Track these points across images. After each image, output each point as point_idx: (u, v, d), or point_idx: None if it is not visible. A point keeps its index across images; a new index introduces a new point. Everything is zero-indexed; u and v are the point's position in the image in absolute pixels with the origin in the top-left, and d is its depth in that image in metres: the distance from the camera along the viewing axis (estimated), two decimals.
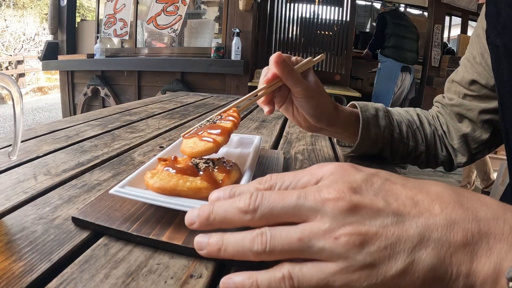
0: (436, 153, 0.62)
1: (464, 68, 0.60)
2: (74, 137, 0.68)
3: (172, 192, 0.35)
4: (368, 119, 0.56)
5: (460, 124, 0.60)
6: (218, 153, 0.54)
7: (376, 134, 0.57)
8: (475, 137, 0.59)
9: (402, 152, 0.60)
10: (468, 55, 0.60)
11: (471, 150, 0.60)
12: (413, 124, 0.61)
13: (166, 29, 2.99)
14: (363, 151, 0.59)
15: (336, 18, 3.37)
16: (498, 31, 0.48)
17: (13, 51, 9.01)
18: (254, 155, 0.47)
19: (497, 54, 0.49)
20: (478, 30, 0.58)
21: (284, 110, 0.53)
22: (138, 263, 0.29)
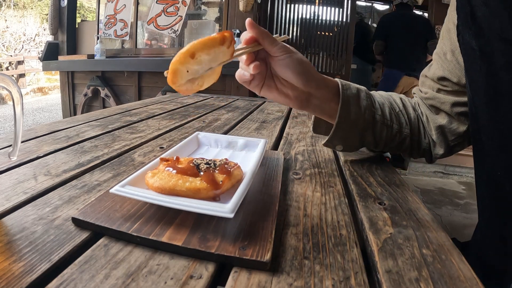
0: (420, 139, 0.60)
1: (436, 64, 0.59)
2: (74, 138, 0.68)
3: (171, 191, 0.35)
4: (348, 98, 0.53)
5: (437, 116, 0.59)
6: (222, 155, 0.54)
7: (356, 114, 0.54)
8: (452, 129, 0.57)
9: (386, 136, 0.58)
10: (439, 50, 0.59)
11: (449, 142, 0.59)
12: (395, 107, 0.60)
13: (167, 30, 2.99)
14: (343, 134, 0.55)
15: (336, 19, 3.37)
16: (473, 33, 0.46)
17: (14, 51, 9.02)
18: (257, 158, 0.47)
19: (472, 57, 0.47)
20: (449, 24, 0.55)
21: (267, 90, 0.50)
22: (138, 264, 0.29)
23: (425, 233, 0.37)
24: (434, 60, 0.60)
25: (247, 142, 0.57)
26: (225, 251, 0.30)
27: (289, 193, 0.46)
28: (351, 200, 0.45)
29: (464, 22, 0.48)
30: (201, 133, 0.60)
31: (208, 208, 0.32)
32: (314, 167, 0.57)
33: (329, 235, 0.35)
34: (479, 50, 0.45)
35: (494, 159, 0.45)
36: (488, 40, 0.43)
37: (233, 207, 0.32)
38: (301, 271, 0.29)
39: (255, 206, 0.39)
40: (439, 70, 0.58)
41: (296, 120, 1.04)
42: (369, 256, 0.33)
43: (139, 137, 0.72)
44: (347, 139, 0.56)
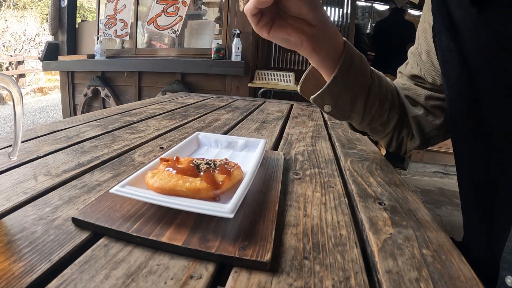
0: (402, 125, 0.60)
1: (412, 62, 0.58)
2: (74, 138, 0.68)
3: (171, 191, 0.35)
4: (351, 56, 0.51)
5: (414, 107, 0.58)
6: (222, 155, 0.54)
7: (354, 75, 0.52)
8: (428, 121, 0.57)
9: (375, 110, 0.56)
10: (414, 50, 0.58)
11: (425, 134, 0.58)
12: (390, 85, 0.59)
13: (167, 30, 2.99)
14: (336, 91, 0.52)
15: (336, 19, 3.37)
16: (451, 35, 0.44)
17: (14, 51, 9.02)
18: (257, 158, 0.47)
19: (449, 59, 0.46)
20: (424, 24, 0.55)
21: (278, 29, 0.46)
22: (138, 264, 0.28)
23: (425, 233, 0.37)
24: (409, 58, 0.60)
25: (247, 142, 0.57)
26: (225, 251, 0.30)
27: (289, 193, 0.46)
28: (351, 200, 0.45)
29: (441, 24, 0.46)
30: (201, 133, 0.60)
31: (208, 208, 0.32)
32: (314, 167, 0.57)
33: (329, 235, 0.35)
34: (458, 53, 0.43)
35: (477, 164, 0.44)
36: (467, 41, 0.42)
37: (233, 207, 0.32)
38: (301, 271, 0.29)
39: (255, 206, 0.39)
40: (414, 69, 0.57)
41: (296, 120, 1.04)
42: (369, 256, 0.33)
43: (139, 137, 0.72)
44: (339, 99, 0.53)
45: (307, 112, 1.22)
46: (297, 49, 0.49)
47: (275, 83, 2.73)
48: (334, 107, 0.54)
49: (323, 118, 1.10)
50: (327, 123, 1.03)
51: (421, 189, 2.64)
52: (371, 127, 0.59)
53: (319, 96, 0.53)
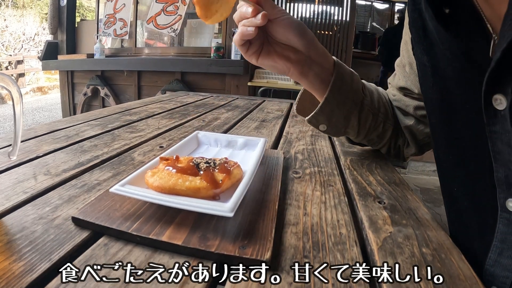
0: (398, 135, 0.62)
1: (399, 74, 0.60)
2: (74, 137, 0.68)
3: (171, 191, 0.35)
4: (342, 74, 0.51)
5: (405, 117, 0.60)
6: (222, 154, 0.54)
7: (346, 93, 0.52)
8: (419, 130, 0.58)
9: (370, 124, 0.57)
10: (399, 62, 0.59)
11: (419, 141, 0.60)
12: (383, 98, 0.60)
13: (166, 29, 2.99)
14: (329, 111, 0.53)
15: (336, 18, 3.37)
16: (425, 48, 0.44)
17: (13, 51, 9.01)
18: (257, 156, 0.47)
19: (424, 73, 0.46)
20: (406, 36, 0.55)
21: (265, 56, 0.48)
22: (138, 263, 0.29)
23: (425, 232, 0.37)
24: (396, 70, 0.61)
25: (247, 141, 0.57)
26: (225, 250, 0.30)
27: (289, 192, 0.46)
28: (350, 199, 0.45)
29: (416, 37, 0.46)
30: (200, 132, 0.60)
31: (208, 207, 0.32)
32: (314, 166, 0.57)
33: (329, 234, 0.35)
34: (431, 66, 0.44)
35: (451, 175, 0.44)
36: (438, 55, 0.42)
37: (232, 206, 0.32)
38: (301, 270, 0.29)
39: (255, 205, 0.39)
40: (401, 80, 0.59)
41: (296, 119, 1.04)
42: (369, 255, 0.33)
43: (138, 136, 0.72)
44: (332, 117, 0.54)
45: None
46: (286, 74, 0.51)
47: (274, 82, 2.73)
48: (329, 125, 0.55)
49: None
50: None
51: (420, 188, 2.64)
52: (368, 139, 0.61)
53: (313, 117, 0.54)
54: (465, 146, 0.41)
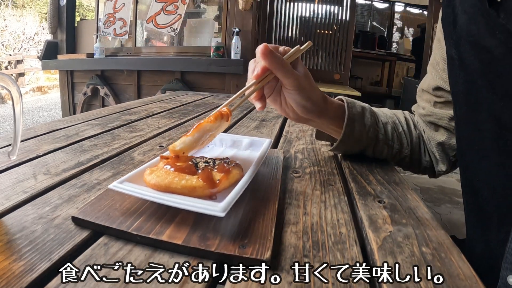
0: (420, 158, 0.61)
1: (430, 75, 0.59)
2: (74, 137, 0.68)
3: (167, 189, 0.35)
4: (353, 116, 0.54)
5: (436, 133, 0.59)
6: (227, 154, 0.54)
7: (360, 132, 0.55)
8: (452, 145, 0.57)
9: (386, 154, 0.59)
10: (432, 60, 0.59)
11: (450, 158, 0.59)
12: (398, 127, 0.60)
13: (166, 29, 2.99)
14: (344, 149, 0.57)
15: (336, 17, 3.37)
16: (454, 42, 0.46)
17: (13, 50, 9.00)
18: (259, 157, 0.47)
19: (452, 66, 0.47)
20: (438, 33, 0.56)
21: (271, 101, 0.51)
22: (138, 263, 0.29)
23: (425, 231, 0.37)
24: (428, 72, 0.61)
25: (252, 141, 0.57)
26: (225, 250, 0.30)
27: (288, 192, 0.46)
28: (350, 199, 0.45)
29: (447, 31, 0.48)
30: None
31: (200, 206, 0.32)
32: (314, 165, 0.57)
33: (328, 233, 0.35)
34: (458, 59, 0.45)
35: (474, 167, 0.45)
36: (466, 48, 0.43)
37: (225, 206, 0.32)
38: (301, 269, 0.29)
39: (255, 205, 0.39)
40: (433, 80, 0.58)
41: None
42: (369, 254, 0.33)
43: (138, 135, 0.72)
44: (348, 151, 0.58)
45: None
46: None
47: None
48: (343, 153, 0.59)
49: None
50: None
51: (420, 187, 2.64)
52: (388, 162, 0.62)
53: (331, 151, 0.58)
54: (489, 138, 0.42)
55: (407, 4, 5.30)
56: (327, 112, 0.52)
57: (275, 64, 0.43)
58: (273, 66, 0.43)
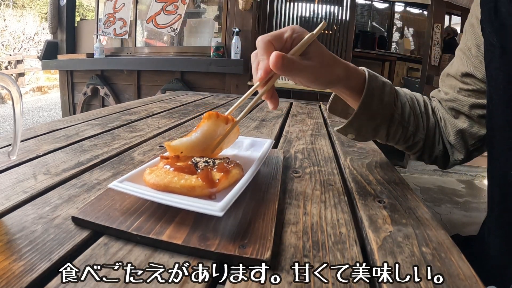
0: (433, 145, 0.59)
1: (460, 60, 0.57)
2: (74, 137, 0.68)
3: (166, 188, 0.35)
4: (372, 90, 0.51)
5: (457, 120, 0.57)
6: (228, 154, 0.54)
7: (376, 108, 0.52)
8: (473, 133, 0.55)
9: (399, 135, 0.56)
10: (462, 46, 0.56)
11: (469, 147, 0.57)
12: (417, 109, 0.57)
13: (166, 29, 2.99)
14: (359, 123, 0.53)
15: (336, 17, 3.37)
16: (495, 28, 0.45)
17: (13, 50, 9.00)
18: (259, 157, 0.47)
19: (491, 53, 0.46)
20: (472, 19, 0.54)
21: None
22: (138, 263, 0.29)
23: (425, 231, 0.37)
24: (456, 57, 0.58)
25: (253, 142, 0.57)
26: (225, 250, 0.30)
27: (288, 192, 0.46)
28: (350, 198, 0.45)
29: (487, 16, 0.47)
30: None
31: (199, 205, 0.32)
32: (314, 166, 0.57)
33: (328, 233, 0.35)
34: (500, 47, 0.44)
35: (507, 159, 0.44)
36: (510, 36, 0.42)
37: (224, 206, 0.32)
38: (301, 269, 0.29)
39: (255, 205, 0.39)
40: (463, 66, 0.55)
41: (295, 118, 1.04)
42: (369, 254, 0.33)
43: (138, 135, 0.72)
44: (362, 129, 0.54)
45: (306, 110, 1.22)
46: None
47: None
48: (357, 135, 0.55)
49: (323, 117, 1.10)
50: (326, 121, 1.03)
51: (420, 187, 2.64)
52: (398, 145, 0.59)
53: (342, 129, 0.55)
54: None
55: (407, 4, 5.30)
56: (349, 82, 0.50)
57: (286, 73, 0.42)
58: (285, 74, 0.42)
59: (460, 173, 2.91)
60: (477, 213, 2.20)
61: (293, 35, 0.43)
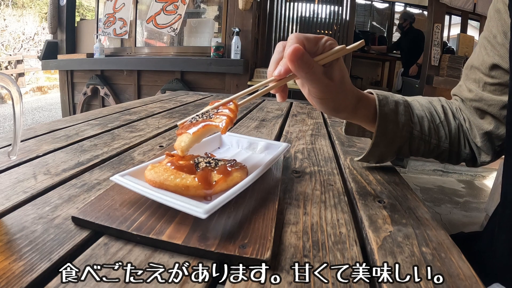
0: (459, 150, 0.56)
1: (484, 50, 0.52)
2: (74, 137, 0.68)
3: (161, 185, 0.35)
4: (385, 115, 0.49)
5: (482, 121, 0.53)
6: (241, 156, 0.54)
7: (393, 132, 0.50)
8: (499, 134, 0.52)
9: (423, 150, 0.54)
10: (487, 34, 0.52)
11: (495, 148, 0.53)
12: (436, 119, 0.55)
13: (166, 28, 2.98)
14: (379, 152, 0.52)
15: (335, 17, 3.37)
16: None
17: (13, 50, 8.99)
18: (266, 163, 0.46)
19: None
20: (498, 4, 0.50)
21: (299, 85, 0.45)
22: (138, 263, 0.29)
23: (425, 231, 0.37)
24: (480, 46, 0.54)
25: (267, 144, 0.56)
26: (225, 250, 0.30)
27: (288, 192, 0.46)
28: (350, 199, 0.45)
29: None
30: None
31: (184, 205, 0.32)
32: (314, 166, 0.57)
33: (328, 233, 0.35)
34: None
35: None
36: None
37: (209, 208, 0.31)
38: (301, 269, 0.29)
39: (255, 205, 0.39)
40: (488, 56, 0.52)
41: (295, 118, 1.04)
42: (369, 254, 0.33)
43: (138, 135, 0.72)
44: (383, 156, 0.54)
45: (306, 110, 1.22)
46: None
47: None
48: (379, 161, 0.55)
49: (323, 117, 1.10)
50: (326, 121, 1.03)
51: (420, 187, 2.64)
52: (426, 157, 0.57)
53: (363, 159, 0.54)
54: None
55: (407, 4, 5.30)
56: (358, 111, 0.48)
57: (301, 73, 0.39)
58: (299, 74, 0.39)
59: (460, 173, 2.91)
60: (477, 213, 2.20)
61: (327, 42, 0.42)
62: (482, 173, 2.87)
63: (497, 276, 0.42)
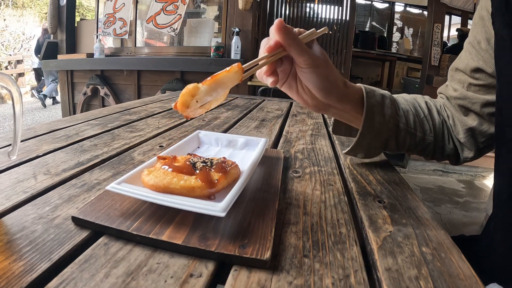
0: (443, 145, 0.58)
1: (469, 54, 0.55)
2: (74, 137, 0.68)
3: (165, 189, 0.35)
4: (372, 107, 0.51)
5: (466, 118, 0.56)
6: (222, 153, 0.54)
7: (380, 124, 0.52)
8: (482, 131, 0.54)
9: (409, 143, 0.56)
10: (471, 39, 0.55)
11: (479, 145, 0.56)
12: (420, 113, 0.57)
13: (166, 28, 2.98)
14: (366, 143, 0.53)
15: (336, 17, 3.37)
16: (506, 22, 0.44)
17: (13, 50, 9.00)
18: (255, 156, 0.47)
19: (501, 46, 0.45)
20: (482, 11, 0.53)
21: (287, 88, 0.48)
22: (138, 263, 0.29)
23: (425, 231, 0.37)
24: (465, 51, 0.57)
25: (247, 141, 0.57)
26: (225, 250, 0.30)
27: (288, 192, 0.46)
28: (350, 198, 0.45)
29: (497, 9, 0.46)
30: (202, 132, 0.60)
31: (200, 206, 0.32)
32: (314, 166, 0.57)
33: (328, 233, 0.35)
34: (510, 40, 0.43)
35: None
36: None
37: (225, 206, 0.32)
38: (300, 269, 0.29)
39: (255, 205, 0.39)
40: (472, 60, 0.54)
41: (295, 118, 1.04)
42: (368, 254, 0.33)
43: (138, 135, 0.72)
44: (370, 147, 0.55)
45: (306, 110, 1.22)
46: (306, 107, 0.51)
47: None
48: (367, 154, 0.56)
49: (323, 117, 1.10)
50: (326, 121, 1.03)
51: (420, 187, 2.64)
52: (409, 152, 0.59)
53: (350, 151, 0.56)
54: None
55: (407, 4, 5.30)
56: (349, 96, 0.49)
57: (289, 40, 0.41)
58: (287, 42, 0.41)
59: (460, 173, 2.91)
60: (477, 213, 2.20)
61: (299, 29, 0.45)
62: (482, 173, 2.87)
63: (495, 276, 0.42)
